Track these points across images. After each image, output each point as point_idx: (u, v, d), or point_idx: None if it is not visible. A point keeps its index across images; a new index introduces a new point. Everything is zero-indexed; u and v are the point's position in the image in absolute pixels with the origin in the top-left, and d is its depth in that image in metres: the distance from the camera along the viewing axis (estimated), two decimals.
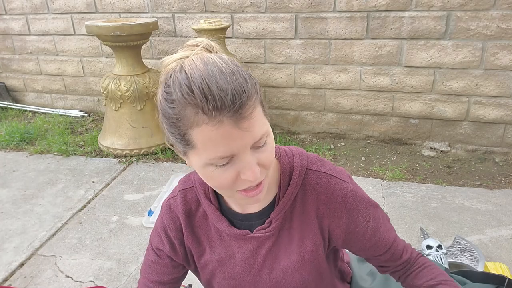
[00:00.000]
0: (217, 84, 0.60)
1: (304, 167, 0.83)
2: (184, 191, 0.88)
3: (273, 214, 0.83)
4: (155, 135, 3.18)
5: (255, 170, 0.66)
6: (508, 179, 2.66)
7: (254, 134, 0.64)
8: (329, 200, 0.82)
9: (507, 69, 2.74)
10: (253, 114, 0.63)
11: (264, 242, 0.85)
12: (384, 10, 2.84)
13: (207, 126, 0.61)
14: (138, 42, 3.02)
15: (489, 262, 1.84)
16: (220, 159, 0.65)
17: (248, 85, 0.63)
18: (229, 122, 0.61)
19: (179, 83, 0.63)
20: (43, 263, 2.04)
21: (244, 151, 0.65)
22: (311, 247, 0.85)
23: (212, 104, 0.60)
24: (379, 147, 3.18)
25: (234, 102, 0.60)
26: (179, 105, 0.62)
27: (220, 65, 0.63)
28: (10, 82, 4.26)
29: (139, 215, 2.41)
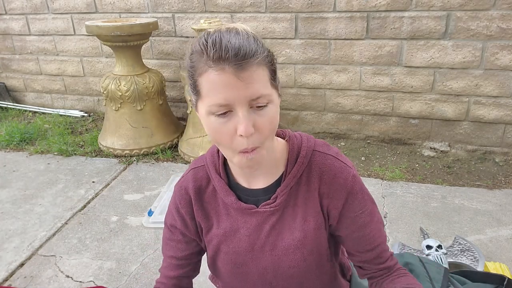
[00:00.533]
0: (229, 39, 0.69)
1: (311, 148, 0.87)
2: (195, 170, 0.94)
3: (279, 190, 0.86)
4: (155, 135, 3.18)
5: (248, 125, 0.70)
6: (508, 179, 2.66)
7: (252, 89, 0.69)
8: (331, 181, 0.85)
9: (507, 69, 2.74)
10: (254, 69, 0.69)
11: (268, 217, 0.88)
12: (384, 10, 2.84)
13: (212, 72, 0.68)
14: (138, 42, 3.02)
15: (489, 262, 1.84)
16: (219, 107, 0.70)
17: (258, 48, 0.70)
18: (230, 70, 0.68)
19: (200, 38, 0.73)
20: (43, 263, 2.04)
21: (240, 104, 0.70)
22: (313, 225, 0.88)
23: (218, 52, 0.67)
24: (379, 147, 3.18)
25: (237, 54, 0.67)
26: (195, 55, 0.72)
27: (240, 30, 0.72)
28: (10, 82, 4.26)
29: (139, 215, 2.41)
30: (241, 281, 0.96)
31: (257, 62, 0.70)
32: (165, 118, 3.30)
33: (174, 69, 3.59)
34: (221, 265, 0.95)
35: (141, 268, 1.98)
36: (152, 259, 2.04)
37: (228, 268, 0.94)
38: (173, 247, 0.99)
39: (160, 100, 3.23)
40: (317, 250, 0.90)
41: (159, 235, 2.22)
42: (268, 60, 0.73)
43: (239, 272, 0.94)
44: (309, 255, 0.89)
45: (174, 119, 3.46)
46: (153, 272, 1.95)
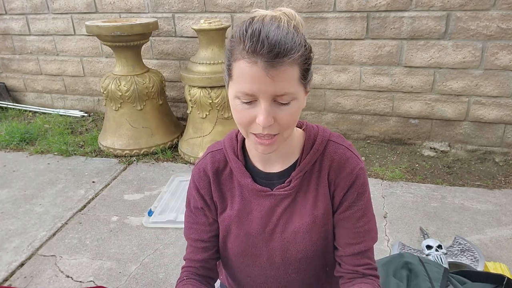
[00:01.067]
0: (268, 33, 0.71)
1: (326, 138, 0.92)
2: (213, 153, 0.98)
3: (293, 174, 0.91)
4: (155, 135, 3.18)
5: (267, 118, 0.74)
6: (508, 179, 2.66)
7: (278, 86, 0.73)
8: (340, 169, 0.90)
9: (507, 69, 2.74)
10: (284, 69, 0.72)
11: (281, 201, 0.92)
12: (384, 10, 2.85)
13: (244, 62, 0.72)
14: (138, 42, 3.02)
15: (489, 262, 1.84)
16: (244, 95, 0.75)
17: (294, 46, 0.72)
18: (261, 65, 0.71)
19: (242, 25, 0.75)
20: (43, 263, 2.04)
21: (264, 97, 0.74)
22: (322, 210, 0.91)
23: (254, 46, 0.70)
24: (379, 147, 3.18)
25: (271, 51, 0.70)
26: (234, 40, 0.75)
27: (282, 24, 0.73)
28: (10, 82, 4.27)
29: (139, 215, 2.41)
30: (249, 265, 0.98)
31: (289, 61, 0.72)
32: (165, 118, 3.30)
33: (174, 69, 3.59)
34: (231, 246, 0.98)
35: (141, 268, 1.98)
36: (152, 259, 2.04)
37: (238, 250, 0.96)
38: (197, 230, 1.00)
39: (160, 100, 3.23)
40: (324, 236, 0.94)
41: (159, 235, 2.22)
42: (302, 59, 0.75)
43: (248, 254, 0.96)
44: (317, 240, 0.93)
45: (174, 119, 3.46)
46: (153, 272, 1.95)
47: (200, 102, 2.85)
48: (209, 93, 2.82)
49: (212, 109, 2.86)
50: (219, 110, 2.86)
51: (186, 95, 2.98)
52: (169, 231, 2.25)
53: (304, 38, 0.77)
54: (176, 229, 2.27)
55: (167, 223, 2.29)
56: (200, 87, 2.83)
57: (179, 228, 2.27)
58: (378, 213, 2.33)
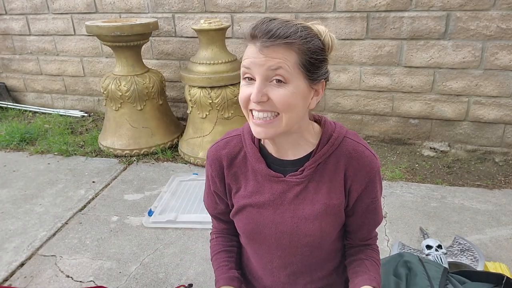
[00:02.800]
0: (271, 23, 0.82)
1: (343, 134, 0.97)
2: (228, 138, 1.05)
3: (307, 164, 0.95)
4: (155, 135, 3.18)
5: (257, 93, 0.83)
6: (507, 179, 2.66)
7: (270, 62, 0.81)
8: (359, 166, 0.95)
9: (507, 69, 2.74)
10: (278, 49, 0.81)
11: (293, 187, 0.97)
12: (384, 10, 2.85)
13: (248, 44, 0.84)
14: (138, 42, 3.02)
15: (489, 262, 1.84)
16: (244, 68, 0.85)
17: (293, 34, 0.81)
18: (258, 46, 0.82)
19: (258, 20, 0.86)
20: (43, 263, 2.04)
21: (258, 73, 0.83)
22: (336, 202, 0.96)
23: (254, 30, 0.82)
24: (379, 147, 3.18)
25: (267, 34, 0.80)
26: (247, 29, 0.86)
27: (292, 21, 0.84)
28: (10, 82, 4.27)
29: (139, 215, 2.41)
30: (257, 243, 1.04)
31: (284, 44, 0.80)
32: (165, 118, 3.30)
33: (174, 69, 3.59)
34: (242, 224, 1.03)
35: (141, 268, 1.98)
36: (152, 259, 2.04)
37: (248, 228, 1.02)
38: (214, 208, 1.11)
39: (160, 100, 3.23)
40: (334, 226, 0.99)
41: (159, 235, 2.22)
42: (302, 48, 0.83)
43: (257, 233, 1.01)
44: (326, 228, 0.97)
45: (174, 119, 3.46)
46: (153, 272, 1.95)
47: (200, 102, 2.85)
48: (209, 93, 2.82)
49: (212, 109, 2.86)
50: (219, 110, 2.86)
51: (186, 95, 2.98)
52: (169, 231, 2.26)
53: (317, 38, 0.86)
54: (176, 229, 2.27)
55: (167, 223, 2.30)
56: (200, 87, 2.83)
57: (179, 228, 2.27)
58: None
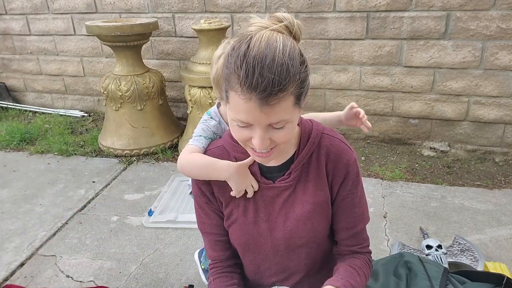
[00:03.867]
0: (262, 70, 0.72)
1: (320, 131, 0.98)
2: (210, 151, 1.04)
3: (292, 166, 0.96)
4: (155, 135, 3.18)
5: (262, 143, 0.80)
6: (507, 179, 2.66)
7: (272, 118, 0.77)
8: (337, 159, 0.96)
9: (507, 69, 2.74)
10: (278, 105, 0.75)
11: (283, 192, 0.98)
12: (384, 10, 2.85)
13: (239, 96, 0.75)
14: (138, 42, 3.02)
15: (489, 262, 1.84)
16: (240, 122, 0.79)
17: (288, 80, 0.74)
18: (256, 102, 0.74)
19: (239, 53, 0.75)
20: (44, 263, 2.04)
21: (259, 126, 0.78)
22: (322, 198, 0.98)
23: (249, 83, 0.73)
24: (379, 147, 3.18)
25: (265, 90, 0.72)
26: (230, 69, 0.77)
27: (277, 53, 0.74)
28: (10, 82, 4.27)
29: (139, 215, 2.41)
30: (253, 253, 1.04)
31: (283, 95, 0.75)
32: (165, 118, 3.30)
33: (174, 69, 3.59)
34: (236, 237, 1.03)
35: (141, 268, 1.98)
36: (152, 259, 2.04)
37: (243, 240, 1.02)
38: (209, 225, 1.07)
39: (160, 100, 3.23)
40: (325, 222, 1.01)
41: (159, 235, 2.22)
42: (297, 87, 0.77)
43: (253, 243, 1.02)
44: (318, 226, 0.99)
45: (174, 119, 3.46)
46: (153, 272, 1.95)
47: (200, 102, 2.85)
48: (209, 93, 2.82)
49: None
50: None
51: (186, 95, 2.98)
52: (169, 231, 2.26)
53: (300, 61, 0.78)
54: (176, 229, 2.27)
55: (167, 223, 2.30)
56: (200, 87, 2.83)
57: (179, 228, 2.27)
58: (378, 213, 2.33)
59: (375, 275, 1.33)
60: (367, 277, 1.03)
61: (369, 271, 1.05)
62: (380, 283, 1.29)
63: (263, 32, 0.77)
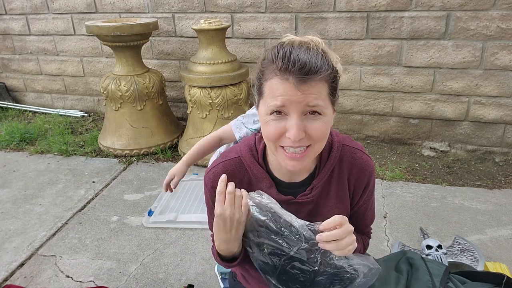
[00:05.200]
0: (298, 54, 0.78)
1: (341, 143, 0.99)
2: (225, 162, 1.00)
3: (314, 182, 0.97)
4: (155, 135, 3.18)
5: (297, 132, 0.79)
6: (508, 179, 2.66)
7: (308, 99, 0.78)
8: (360, 172, 0.98)
9: (507, 69, 2.74)
10: (314, 84, 0.78)
11: (304, 206, 0.99)
12: (384, 10, 2.85)
13: (277, 79, 0.78)
14: (138, 42, 3.02)
15: (489, 262, 1.84)
16: (276, 107, 0.79)
17: (323, 65, 0.79)
18: (293, 81, 0.77)
19: (273, 48, 0.83)
20: (43, 263, 2.04)
21: (295, 110, 0.79)
22: (343, 211, 1.00)
23: (286, 64, 0.77)
24: (379, 147, 3.18)
25: (302, 68, 0.76)
26: (266, 62, 0.82)
27: (311, 46, 0.81)
28: (10, 82, 4.27)
29: (139, 215, 2.41)
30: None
31: (319, 78, 0.78)
32: (165, 118, 3.30)
33: (174, 69, 3.59)
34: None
35: (141, 268, 1.98)
36: (152, 259, 2.04)
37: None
38: None
39: (160, 100, 3.23)
40: None
41: (159, 235, 2.22)
42: (331, 77, 0.81)
43: None
44: None
45: (174, 119, 3.46)
46: (153, 272, 1.95)
47: (200, 102, 2.85)
48: (209, 93, 2.82)
49: (212, 109, 2.86)
50: (219, 110, 2.86)
51: (186, 95, 2.98)
52: (169, 231, 2.25)
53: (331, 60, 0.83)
54: (176, 229, 2.27)
55: (167, 223, 2.29)
56: (200, 87, 2.83)
57: (179, 228, 2.27)
58: (378, 213, 2.32)
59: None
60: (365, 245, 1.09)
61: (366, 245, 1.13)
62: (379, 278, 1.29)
63: (294, 39, 0.84)
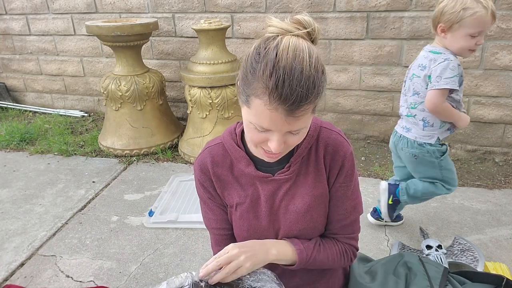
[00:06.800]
0: (291, 83, 0.74)
1: (319, 125, 1.00)
2: (210, 147, 1.04)
3: (292, 159, 0.99)
4: (155, 135, 3.18)
5: (278, 147, 0.83)
6: (507, 179, 2.66)
7: (293, 126, 0.80)
8: (334, 152, 0.99)
9: (507, 69, 2.74)
10: (302, 116, 0.79)
11: (283, 184, 1.00)
12: (384, 10, 2.85)
13: (265, 105, 0.76)
14: (138, 42, 3.02)
15: (489, 262, 1.84)
16: (260, 127, 0.82)
17: (314, 93, 0.77)
18: (282, 112, 0.76)
19: (267, 61, 0.75)
20: (43, 263, 2.04)
21: (279, 133, 0.82)
22: (321, 190, 1.01)
23: (278, 96, 0.74)
24: (379, 147, 3.18)
25: (294, 103, 0.75)
26: (256, 77, 0.77)
27: (305, 65, 0.75)
28: (10, 82, 4.27)
29: (139, 215, 2.41)
30: None
31: (309, 106, 0.78)
32: (165, 118, 3.30)
33: (174, 69, 3.59)
34: (240, 232, 1.04)
35: (141, 268, 1.98)
36: (152, 259, 2.04)
37: (247, 234, 1.03)
38: (215, 220, 1.08)
39: (160, 100, 3.23)
40: (323, 214, 1.03)
41: (159, 235, 2.22)
42: (319, 97, 0.80)
43: (257, 237, 1.03)
44: (317, 218, 1.02)
45: (174, 119, 3.46)
46: (153, 272, 1.95)
47: (200, 102, 2.85)
48: (209, 93, 2.82)
49: (212, 109, 2.87)
50: (219, 110, 2.86)
51: (186, 95, 2.98)
52: (169, 231, 2.26)
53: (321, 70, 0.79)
54: (176, 229, 2.27)
55: (168, 223, 2.30)
56: (200, 87, 2.83)
57: (180, 228, 2.27)
58: None
59: (373, 275, 1.34)
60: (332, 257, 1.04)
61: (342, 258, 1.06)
62: (378, 282, 1.29)
63: (289, 38, 0.77)
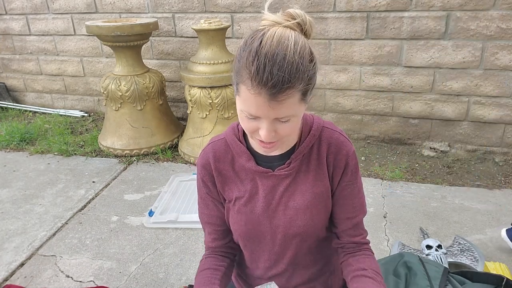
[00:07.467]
0: (272, 67, 0.75)
1: (321, 125, 1.02)
2: (213, 143, 1.06)
3: (293, 156, 0.99)
4: (155, 135, 3.18)
5: (268, 134, 0.84)
6: (507, 179, 2.66)
7: (279, 112, 0.80)
8: (337, 151, 1.00)
9: (507, 69, 2.74)
10: (286, 100, 0.79)
11: (283, 180, 1.01)
12: (384, 10, 2.85)
13: (249, 91, 0.79)
14: (138, 42, 3.02)
15: (489, 262, 1.84)
16: (249, 114, 0.83)
17: (297, 77, 0.77)
18: (265, 96, 0.78)
19: (251, 49, 0.78)
20: (43, 263, 2.04)
21: (266, 119, 0.82)
22: (322, 189, 1.01)
23: (259, 80, 0.76)
24: (379, 147, 3.18)
25: (275, 87, 0.76)
26: (242, 63, 0.80)
27: (289, 51, 0.76)
28: (10, 82, 4.27)
29: (139, 215, 2.41)
30: (254, 242, 1.06)
31: (292, 92, 0.78)
32: (165, 118, 3.30)
33: (174, 69, 3.59)
34: (237, 227, 1.05)
35: (141, 268, 1.98)
36: (152, 259, 2.04)
37: (245, 229, 1.04)
38: (208, 215, 1.09)
39: (160, 100, 3.23)
40: (323, 212, 1.03)
41: (159, 235, 2.22)
42: (304, 84, 0.80)
43: (254, 232, 1.04)
44: (317, 216, 1.01)
45: (174, 119, 3.46)
46: (153, 272, 1.95)
47: (200, 102, 2.85)
48: (209, 93, 2.82)
49: (212, 109, 2.86)
50: (219, 110, 2.86)
51: (186, 95, 2.98)
52: (169, 231, 2.26)
53: (309, 59, 0.80)
54: (176, 229, 2.27)
55: (168, 223, 2.30)
56: (200, 87, 2.83)
57: (180, 228, 2.27)
58: (378, 213, 2.33)
59: None
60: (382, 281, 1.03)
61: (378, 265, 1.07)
62: None
63: (276, 28, 0.79)
